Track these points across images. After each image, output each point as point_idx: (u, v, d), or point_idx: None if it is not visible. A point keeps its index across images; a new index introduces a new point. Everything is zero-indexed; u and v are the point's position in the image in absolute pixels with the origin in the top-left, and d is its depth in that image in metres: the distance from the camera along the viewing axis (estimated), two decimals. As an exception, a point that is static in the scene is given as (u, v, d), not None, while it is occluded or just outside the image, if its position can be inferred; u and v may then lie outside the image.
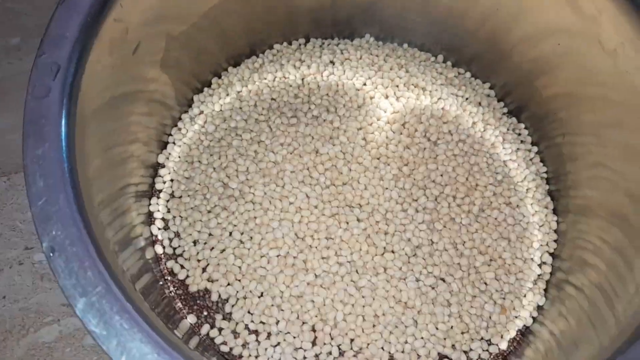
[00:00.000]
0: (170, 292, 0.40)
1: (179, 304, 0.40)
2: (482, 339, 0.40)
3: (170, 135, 0.45)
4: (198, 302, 0.40)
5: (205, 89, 0.47)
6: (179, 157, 0.44)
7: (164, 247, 0.42)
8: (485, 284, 0.41)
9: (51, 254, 0.28)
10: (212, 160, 0.43)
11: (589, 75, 0.39)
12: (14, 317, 0.43)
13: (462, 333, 0.40)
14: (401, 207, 0.42)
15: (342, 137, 0.44)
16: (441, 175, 0.44)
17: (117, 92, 0.37)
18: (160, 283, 0.40)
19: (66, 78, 0.30)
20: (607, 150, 0.39)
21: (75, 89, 0.31)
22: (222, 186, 0.42)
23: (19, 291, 0.44)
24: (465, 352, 0.39)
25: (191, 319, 0.40)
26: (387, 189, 0.43)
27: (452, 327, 0.40)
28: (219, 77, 0.48)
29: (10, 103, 0.49)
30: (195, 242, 0.41)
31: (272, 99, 0.46)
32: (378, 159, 0.44)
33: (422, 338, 0.39)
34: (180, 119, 0.46)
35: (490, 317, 0.40)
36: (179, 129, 0.45)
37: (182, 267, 0.41)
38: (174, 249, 0.42)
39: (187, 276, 0.41)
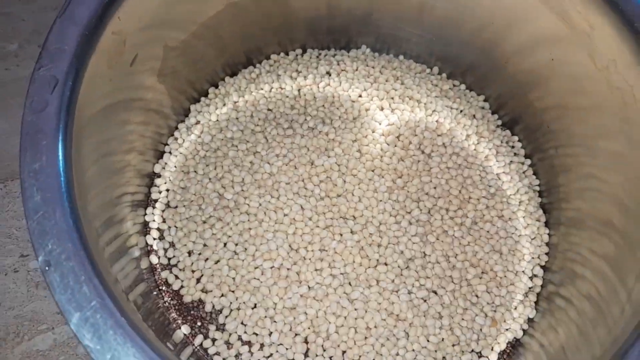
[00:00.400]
0: (165, 302, 0.41)
1: (173, 314, 0.40)
2: (472, 351, 0.41)
3: (167, 144, 0.45)
4: (192, 312, 0.40)
5: (202, 98, 0.47)
6: (175, 166, 0.44)
7: (158, 257, 0.42)
8: (477, 296, 0.42)
9: (47, 268, 0.28)
10: (207, 170, 0.44)
11: (581, 88, 0.40)
12: (8, 324, 0.44)
13: (453, 345, 0.40)
14: (394, 219, 0.43)
15: (337, 149, 0.45)
16: (434, 188, 0.44)
17: (113, 101, 0.37)
18: (155, 293, 0.41)
19: (64, 91, 0.30)
20: (597, 160, 0.40)
21: (73, 102, 0.31)
22: (217, 197, 0.43)
23: (14, 299, 0.44)
24: (456, 364, 0.40)
25: (185, 329, 0.40)
26: (381, 201, 0.43)
27: (443, 339, 0.40)
28: (216, 86, 0.48)
29: (7, 110, 0.49)
30: (190, 253, 0.42)
31: (269, 109, 0.47)
32: (372, 171, 0.44)
33: (413, 350, 0.40)
34: (177, 128, 0.46)
35: (481, 330, 0.41)
36: (176, 139, 0.45)
37: (176, 277, 0.41)
38: (169, 259, 0.42)
39: (182, 287, 0.41)
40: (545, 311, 0.42)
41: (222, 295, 0.40)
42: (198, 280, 0.41)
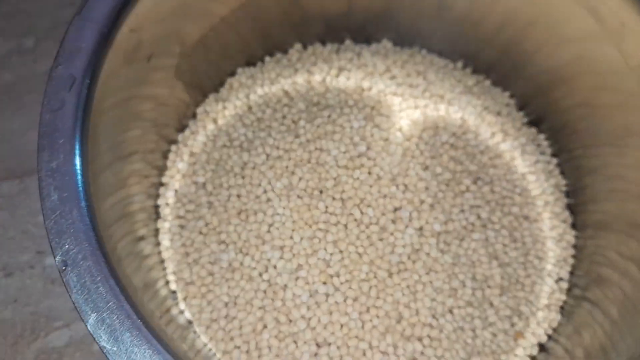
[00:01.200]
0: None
1: (190, 314, 0.40)
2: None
3: (179, 142, 0.45)
4: (209, 312, 0.40)
5: (219, 94, 0.46)
6: (188, 164, 0.44)
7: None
8: (500, 301, 0.40)
9: (64, 268, 0.27)
10: (217, 169, 0.43)
11: (608, 85, 0.38)
12: (24, 321, 0.44)
13: (476, 352, 0.39)
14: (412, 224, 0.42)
15: (352, 147, 0.43)
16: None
17: (129, 98, 0.37)
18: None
19: (81, 89, 0.30)
20: (626, 160, 0.39)
21: (90, 100, 0.31)
22: (226, 199, 0.42)
23: (30, 295, 0.44)
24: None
25: (201, 329, 0.39)
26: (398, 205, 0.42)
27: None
28: (232, 83, 0.47)
29: (24, 106, 0.49)
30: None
31: (284, 105, 0.46)
32: (390, 172, 0.43)
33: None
34: (188, 126, 0.45)
35: (504, 335, 0.40)
36: (188, 137, 0.45)
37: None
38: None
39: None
40: (571, 315, 0.41)
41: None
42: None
